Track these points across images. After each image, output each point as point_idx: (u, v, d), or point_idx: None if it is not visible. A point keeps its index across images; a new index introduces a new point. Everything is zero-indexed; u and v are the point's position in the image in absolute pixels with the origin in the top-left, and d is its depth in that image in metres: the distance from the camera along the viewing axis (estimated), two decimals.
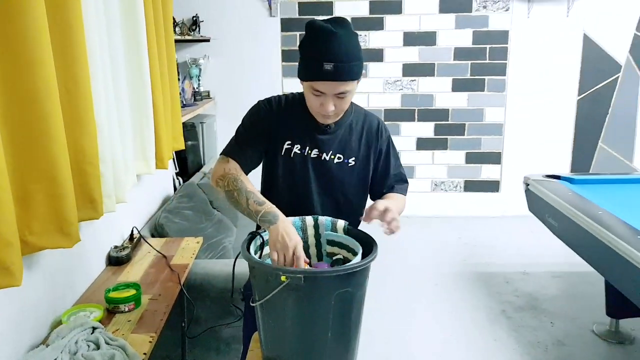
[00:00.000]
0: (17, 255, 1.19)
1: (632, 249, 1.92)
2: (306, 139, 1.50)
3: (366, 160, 1.54)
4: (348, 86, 1.36)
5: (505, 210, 4.53)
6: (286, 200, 1.49)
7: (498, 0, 4.18)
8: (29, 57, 1.29)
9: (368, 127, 1.54)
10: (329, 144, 1.50)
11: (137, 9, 2.15)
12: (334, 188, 1.53)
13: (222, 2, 4.25)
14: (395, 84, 4.38)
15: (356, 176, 1.54)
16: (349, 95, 1.40)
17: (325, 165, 1.51)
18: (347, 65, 1.33)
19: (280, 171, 1.52)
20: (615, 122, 4.40)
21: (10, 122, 1.27)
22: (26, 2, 1.25)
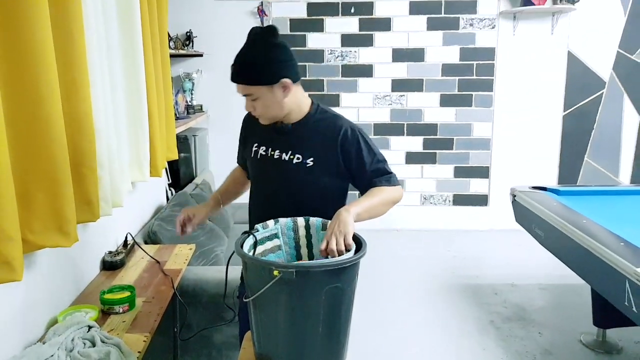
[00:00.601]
0: (19, 251, 1.23)
1: (615, 256, 1.98)
2: (269, 140, 1.59)
3: (327, 162, 1.54)
4: (249, 90, 1.47)
5: (494, 224, 4.60)
6: (258, 201, 1.63)
7: (484, 18, 4.31)
8: (33, 63, 1.35)
9: (331, 130, 1.55)
10: (288, 145, 1.56)
11: (134, 24, 2.23)
12: (294, 188, 1.56)
13: (215, 18, 4.34)
14: (384, 99, 4.47)
15: (315, 177, 1.54)
16: (262, 100, 1.48)
17: (285, 165, 1.55)
18: (242, 70, 1.46)
19: (252, 173, 1.67)
20: (600, 137, 4.51)
21: (13, 123, 1.31)
22: (31, 14, 1.32)
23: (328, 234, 1.32)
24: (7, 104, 1.28)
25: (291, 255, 1.49)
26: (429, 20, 4.33)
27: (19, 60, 1.32)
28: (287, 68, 1.48)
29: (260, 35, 1.48)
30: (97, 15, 1.88)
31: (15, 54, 1.31)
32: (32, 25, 1.33)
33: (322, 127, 1.57)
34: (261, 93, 1.47)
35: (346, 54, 4.41)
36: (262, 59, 1.45)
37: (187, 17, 4.31)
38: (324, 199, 1.56)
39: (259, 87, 1.47)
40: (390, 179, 1.58)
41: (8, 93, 1.30)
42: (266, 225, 1.44)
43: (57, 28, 1.50)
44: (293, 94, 1.51)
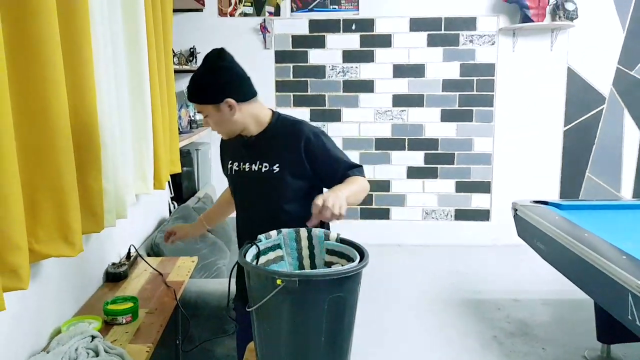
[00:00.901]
0: (25, 259, 1.24)
1: (618, 269, 1.98)
2: (239, 156, 1.71)
3: (293, 166, 1.63)
4: (199, 108, 1.62)
5: (496, 239, 4.60)
6: (239, 214, 1.78)
7: (484, 35, 4.37)
8: (42, 78, 1.38)
9: (294, 136, 1.64)
10: (255, 156, 1.67)
11: (140, 41, 2.27)
12: (266, 195, 1.67)
13: (218, 34, 4.40)
14: (385, 114, 4.51)
15: (283, 182, 1.64)
16: (211, 118, 1.62)
17: (255, 175, 1.66)
18: (192, 90, 1.61)
19: (231, 189, 1.80)
20: (601, 153, 4.53)
21: (22, 135, 1.34)
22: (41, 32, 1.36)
23: (324, 196, 1.39)
24: (16, 116, 1.31)
25: (293, 265, 1.49)
26: (429, 37, 4.39)
27: (29, 75, 1.36)
28: (232, 89, 1.61)
29: (210, 58, 1.61)
30: (105, 32, 1.92)
31: (24, 69, 1.35)
32: (41, 43, 1.36)
33: (284, 135, 1.66)
34: (209, 111, 1.61)
35: (347, 70, 4.46)
36: (207, 81, 1.59)
37: (191, 34, 4.37)
38: (296, 203, 1.65)
39: (206, 106, 1.60)
40: (361, 170, 1.67)
41: (17, 106, 1.33)
42: (269, 236, 1.45)
43: (66, 44, 1.54)
44: (244, 111, 1.63)
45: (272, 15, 4.39)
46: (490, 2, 4.33)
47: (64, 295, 1.77)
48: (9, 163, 1.20)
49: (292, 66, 4.46)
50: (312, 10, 4.39)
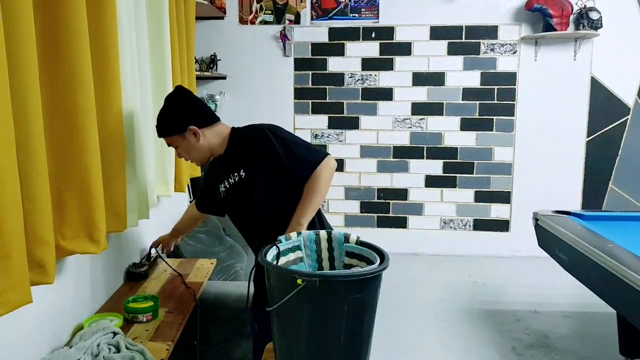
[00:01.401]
0: (52, 255, 1.27)
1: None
2: (222, 178, 1.85)
3: (255, 168, 1.75)
4: (168, 140, 1.79)
5: (516, 250, 4.54)
6: (238, 224, 1.90)
7: (505, 44, 4.35)
8: (72, 83, 1.44)
9: (247, 141, 1.78)
10: (227, 172, 1.81)
11: (164, 48, 2.33)
12: (246, 201, 1.80)
13: (239, 42, 4.45)
14: (404, 122, 4.50)
15: (252, 184, 1.76)
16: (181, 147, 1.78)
17: (232, 188, 1.81)
18: (158, 126, 1.79)
19: (226, 210, 1.93)
20: (625, 164, 4.45)
21: (51, 135, 1.37)
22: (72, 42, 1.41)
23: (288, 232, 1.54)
24: (46, 119, 1.35)
25: (313, 267, 1.50)
26: (450, 45, 4.38)
27: (59, 78, 1.40)
28: (192, 117, 1.77)
29: (170, 96, 1.81)
30: (131, 39, 1.97)
31: (55, 72, 1.40)
32: (71, 50, 1.42)
33: (241, 144, 1.80)
34: (177, 142, 1.78)
35: (366, 78, 4.47)
36: (170, 114, 1.77)
37: (212, 41, 4.43)
38: (276, 197, 1.77)
39: (173, 137, 1.77)
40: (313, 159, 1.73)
41: (48, 108, 1.37)
42: (289, 237, 1.46)
43: (95, 49, 1.59)
44: (207, 135, 1.78)
45: (292, 23, 4.43)
46: (513, 10, 4.31)
47: (87, 292, 1.80)
48: (39, 162, 1.23)
49: (311, 74, 4.49)
50: (332, 18, 4.42)
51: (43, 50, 1.32)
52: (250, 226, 1.86)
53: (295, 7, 4.41)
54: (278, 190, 1.77)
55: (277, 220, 1.73)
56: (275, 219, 1.75)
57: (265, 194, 1.76)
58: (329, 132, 4.56)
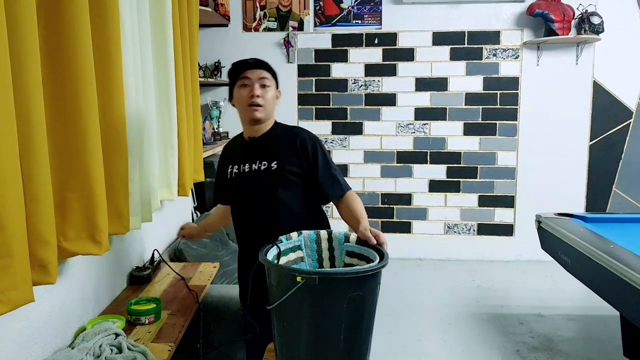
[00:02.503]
0: (54, 255, 1.29)
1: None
2: (240, 158, 1.83)
3: (290, 161, 1.75)
4: (266, 74, 1.77)
5: (520, 254, 4.52)
6: (240, 216, 1.86)
7: (508, 49, 4.36)
8: (74, 83, 1.45)
9: (291, 137, 1.79)
10: (254, 156, 1.79)
11: (168, 53, 2.36)
12: (266, 192, 1.76)
13: (242, 49, 4.49)
14: (407, 127, 4.52)
15: (282, 176, 1.75)
16: (270, 91, 1.77)
17: (254, 174, 1.78)
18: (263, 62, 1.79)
19: (231, 193, 1.88)
20: (628, 167, 4.44)
21: (54, 136, 1.40)
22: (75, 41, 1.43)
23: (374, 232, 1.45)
24: (49, 120, 1.37)
25: (314, 267, 1.51)
26: (452, 51, 4.40)
27: (62, 80, 1.42)
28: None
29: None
30: (134, 44, 2.00)
31: (58, 74, 1.41)
32: (74, 53, 1.43)
33: (283, 137, 1.81)
34: (271, 84, 1.78)
35: (369, 83, 4.49)
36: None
37: (216, 48, 4.47)
38: (295, 198, 1.77)
39: (272, 78, 1.79)
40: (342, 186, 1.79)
41: (50, 108, 1.39)
42: (290, 237, 1.47)
43: (98, 53, 1.61)
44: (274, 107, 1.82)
45: (295, 30, 4.47)
46: (514, 15, 4.33)
47: (90, 295, 1.81)
48: (42, 163, 1.25)
49: (315, 80, 4.52)
50: (335, 25, 4.45)
51: (46, 53, 1.35)
52: (255, 218, 1.80)
53: (299, 14, 4.45)
54: (299, 195, 1.77)
55: (285, 221, 1.73)
56: (284, 219, 1.74)
57: (287, 192, 1.75)
58: (332, 137, 4.58)
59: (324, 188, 1.76)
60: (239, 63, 1.81)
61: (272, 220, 1.75)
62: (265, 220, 1.77)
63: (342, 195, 1.75)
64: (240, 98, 1.78)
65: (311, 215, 1.82)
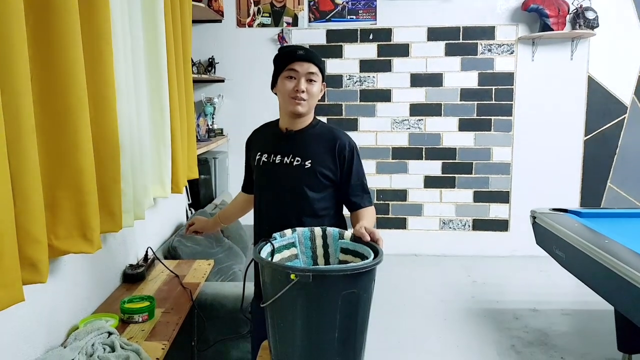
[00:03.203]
0: (44, 253, 1.27)
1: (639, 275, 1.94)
2: (272, 148, 1.77)
3: (325, 164, 1.72)
4: (315, 69, 1.68)
5: (515, 250, 4.53)
6: (263, 205, 1.80)
7: (502, 44, 4.36)
8: (64, 80, 1.44)
9: (330, 139, 1.75)
10: (289, 150, 1.74)
11: (160, 49, 2.34)
12: (295, 187, 1.72)
13: (237, 45, 4.46)
14: (402, 123, 4.51)
15: (313, 177, 1.71)
16: (315, 85, 1.70)
17: (286, 168, 1.73)
18: (314, 54, 1.70)
19: (256, 178, 1.83)
20: (623, 163, 4.45)
21: (44, 134, 1.38)
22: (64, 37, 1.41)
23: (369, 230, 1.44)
24: (38, 116, 1.35)
25: (308, 264, 1.50)
26: (447, 46, 4.39)
27: (51, 77, 1.40)
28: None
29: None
30: (125, 39, 1.98)
31: (47, 71, 1.40)
32: (64, 48, 1.42)
33: (321, 136, 1.75)
34: (318, 79, 1.71)
35: (364, 79, 4.48)
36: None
37: (210, 44, 4.44)
38: (322, 201, 1.73)
39: (320, 72, 1.71)
40: (370, 199, 1.80)
41: (40, 105, 1.37)
42: (284, 234, 1.46)
43: (88, 49, 1.59)
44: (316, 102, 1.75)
45: (289, 25, 4.45)
46: (509, 11, 4.32)
47: (83, 293, 1.80)
48: (31, 161, 1.24)
49: None
50: (329, 20, 4.43)
51: (35, 49, 1.33)
52: (278, 212, 1.75)
53: (293, 9, 4.43)
54: (325, 198, 1.74)
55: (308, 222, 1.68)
56: (307, 220, 1.70)
57: (314, 193, 1.72)
58: None
59: (354, 197, 1.75)
60: (287, 51, 1.71)
61: (295, 218, 1.70)
62: (288, 217, 1.71)
63: (366, 207, 1.76)
64: (284, 89, 1.69)
65: (333, 219, 1.78)
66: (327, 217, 1.75)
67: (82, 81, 1.49)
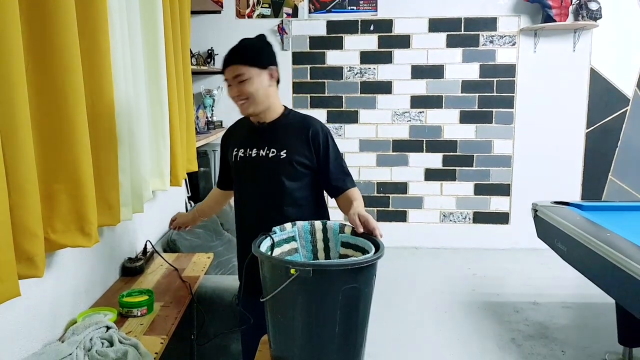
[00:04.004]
0: (41, 247, 1.25)
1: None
2: (247, 142, 1.77)
3: (300, 152, 1.71)
4: (240, 70, 1.64)
5: (515, 243, 4.52)
6: (243, 200, 1.82)
7: (504, 36, 4.32)
8: (60, 69, 1.40)
9: (303, 127, 1.74)
10: (263, 142, 1.74)
11: (158, 40, 2.31)
12: (272, 179, 1.72)
13: (236, 36, 4.35)
14: (403, 115, 4.48)
15: (290, 166, 1.70)
16: (250, 82, 1.65)
17: (262, 160, 1.73)
18: (237, 52, 1.67)
19: (235, 176, 1.84)
20: (625, 155, 4.43)
21: (40, 126, 1.36)
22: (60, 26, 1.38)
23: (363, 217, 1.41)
24: (33, 108, 1.33)
25: (308, 258, 1.48)
26: (449, 38, 4.35)
27: (46, 67, 1.38)
28: (275, 62, 1.73)
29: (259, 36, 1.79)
30: (123, 30, 1.94)
31: (42, 61, 1.37)
32: (59, 37, 1.39)
33: (294, 125, 1.75)
34: (251, 74, 1.65)
35: (365, 71, 4.44)
36: (255, 44, 1.72)
37: (209, 35, 4.41)
38: (301, 190, 1.73)
39: (250, 68, 1.65)
40: (352, 180, 1.78)
41: (35, 97, 1.35)
42: (283, 228, 1.44)
43: (85, 39, 1.56)
44: (273, 91, 1.72)
45: (289, 16, 4.41)
46: (511, 2, 4.28)
47: (81, 287, 1.78)
48: (26, 154, 1.21)
49: (310, 67, 4.46)
50: (329, 11, 4.39)
51: (30, 39, 1.30)
52: (258, 205, 1.76)
53: (293, 0, 4.39)
54: (304, 187, 1.74)
55: (289, 212, 1.70)
56: (288, 210, 1.71)
57: (293, 183, 1.71)
58: (328, 126, 4.48)
59: (335, 181, 1.73)
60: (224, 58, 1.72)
61: (276, 210, 1.71)
62: (269, 209, 1.73)
63: (347, 190, 1.73)
64: (230, 96, 1.73)
65: (315, 208, 1.79)
66: (306, 206, 1.75)
67: (79, 72, 1.47)
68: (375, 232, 1.39)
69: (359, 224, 1.41)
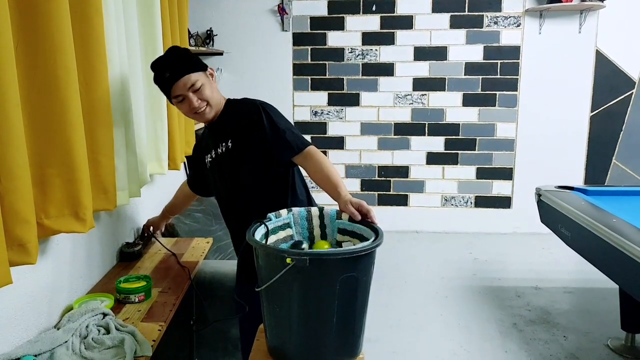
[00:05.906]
0: (33, 234, 1.22)
1: None
2: (208, 149, 1.80)
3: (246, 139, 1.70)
4: (192, 79, 1.63)
5: (517, 227, 4.50)
6: (220, 200, 1.84)
7: (509, 17, 4.23)
8: (51, 49, 1.35)
9: (243, 111, 1.72)
10: (215, 140, 1.76)
11: (154, 18, 2.24)
12: (233, 172, 1.74)
13: (235, 16, 4.35)
14: (405, 98, 4.42)
15: (241, 154, 1.71)
16: (205, 86, 1.66)
17: (219, 158, 1.76)
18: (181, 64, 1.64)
19: (211, 182, 1.86)
20: (629, 139, 4.37)
21: (31, 108, 1.31)
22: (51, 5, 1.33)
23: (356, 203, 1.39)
24: (23, 88, 1.29)
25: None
26: (452, 18, 4.27)
27: (37, 47, 1.33)
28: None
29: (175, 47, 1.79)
30: (118, 6, 1.89)
31: (32, 40, 1.32)
32: (50, 13, 1.34)
33: (233, 114, 1.74)
34: (202, 80, 1.66)
35: (367, 53, 4.37)
36: (186, 52, 1.71)
37: (208, 15, 4.33)
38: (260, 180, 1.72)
39: (199, 73, 1.65)
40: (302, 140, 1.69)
41: (25, 77, 1.30)
42: (279, 215, 1.41)
43: (77, 19, 1.51)
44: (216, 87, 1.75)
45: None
46: None
47: (77, 273, 1.76)
48: (16, 137, 1.18)
49: (310, 49, 4.39)
50: None
51: (18, 16, 1.25)
52: (231, 202, 1.80)
53: None
54: (262, 170, 1.72)
55: (258, 202, 1.69)
56: (256, 200, 1.71)
57: (250, 168, 1.71)
58: (328, 109, 4.48)
59: (275, 154, 1.68)
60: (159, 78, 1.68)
61: (242, 202, 1.75)
62: (236, 203, 1.77)
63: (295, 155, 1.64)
64: (183, 112, 1.72)
65: (280, 193, 1.74)
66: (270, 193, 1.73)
67: (71, 51, 1.42)
68: (370, 214, 1.37)
69: (356, 212, 1.38)
